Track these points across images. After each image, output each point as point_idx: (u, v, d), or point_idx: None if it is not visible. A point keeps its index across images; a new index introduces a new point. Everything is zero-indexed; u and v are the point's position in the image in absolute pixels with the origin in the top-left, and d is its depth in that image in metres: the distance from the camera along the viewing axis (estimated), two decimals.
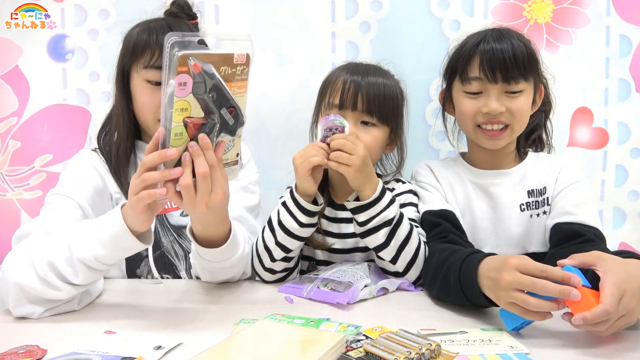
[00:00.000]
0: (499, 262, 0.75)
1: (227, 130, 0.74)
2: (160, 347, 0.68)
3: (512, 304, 0.70)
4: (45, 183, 1.46)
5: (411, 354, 0.61)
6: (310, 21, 1.42)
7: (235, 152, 0.78)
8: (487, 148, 1.07)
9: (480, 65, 1.01)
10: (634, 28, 1.38)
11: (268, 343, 0.65)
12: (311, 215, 0.97)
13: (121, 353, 0.66)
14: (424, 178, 1.14)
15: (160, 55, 0.98)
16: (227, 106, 0.72)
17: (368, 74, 1.06)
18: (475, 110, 1.03)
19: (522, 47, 1.00)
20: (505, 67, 0.98)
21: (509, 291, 0.70)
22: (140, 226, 0.78)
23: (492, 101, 1.01)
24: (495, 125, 1.03)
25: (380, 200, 0.94)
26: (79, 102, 1.46)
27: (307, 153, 0.94)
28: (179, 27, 1.03)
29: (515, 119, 1.02)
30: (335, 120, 0.96)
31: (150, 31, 1.01)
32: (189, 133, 0.71)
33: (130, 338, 0.73)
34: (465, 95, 1.05)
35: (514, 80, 1.00)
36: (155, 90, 1.01)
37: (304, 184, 0.95)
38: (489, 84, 1.01)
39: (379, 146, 1.07)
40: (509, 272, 0.70)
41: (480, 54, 1.01)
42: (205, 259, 0.91)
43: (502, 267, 0.72)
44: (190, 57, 0.67)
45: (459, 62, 1.05)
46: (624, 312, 0.67)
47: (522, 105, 1.02)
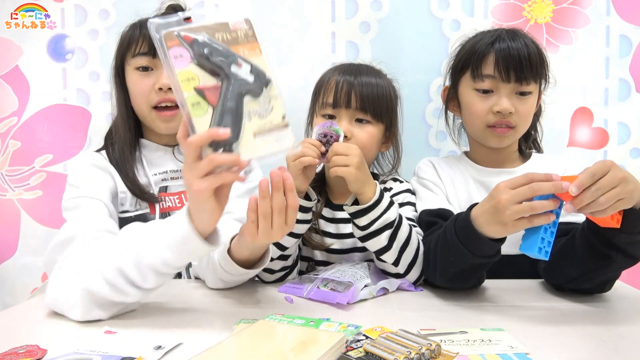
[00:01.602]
0: (487, 196, 0.78)
1: (249, 91, 0.70)
2: (160, 347, 0.68)
3: (518, 220, 0.73)
4: (45, 183, 1.46)
5: (411, 354, 0.61)
6: (310, 21, 1.42)
7: (278, 113, 0.74)
8: (493, 147, 1.07)
9: (495, 64, 1.01)
10: (634, 28, 1.38)
11: (268, 343, 0.65)
12: (303, 210, 0.97)
13: (121, 353, 0.66)
14: (425, 174, 1.14)
15: (145, 42, 1.04)
16: (235, 62, 0.70)
17: (361, 73, 1.06)
18: (486, 110, 1.04)
19: (534, 48, 1.02)
20: (520, 67, 1.00)
21: (510, 208, 0.72)
22: (206, 223, 0.75)
23: (504, 100, 1.02)
24: (504, 124, 1.04)
25: (380, 202, 0.94)
26: (79, 102, 1.46)
27: (298, 152, 0.95)
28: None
29: (521, 121, 1.04)
30: (331, 127, 0.97)
31: (137, 26, 1.07)
32: (209, 100, 0.68)
33: (130, 338, 0.72)
34: (475, 93, 1.05)
35: (526, 81, 1.01)
36: (144, 76, 1.05)
37: (295, 181, 0.95)
38: (501, 83, 1.02)
39: (375, 143, 1.08)
40: (504, 193, 0.73)
41: (495, 52, 1.01)
42: (230, 273, 0.90)
43: (494, 194, 0.75)
44: (177, 32, 0.67)
45: (472, 59, 1.05)
46: (616, 182, 0.69)
47: (529, 108, 1.04)
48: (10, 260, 1.47)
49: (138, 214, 1.06)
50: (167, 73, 0.69)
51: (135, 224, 0.85)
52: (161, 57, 0.68)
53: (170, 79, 0.69)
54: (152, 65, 1.05)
